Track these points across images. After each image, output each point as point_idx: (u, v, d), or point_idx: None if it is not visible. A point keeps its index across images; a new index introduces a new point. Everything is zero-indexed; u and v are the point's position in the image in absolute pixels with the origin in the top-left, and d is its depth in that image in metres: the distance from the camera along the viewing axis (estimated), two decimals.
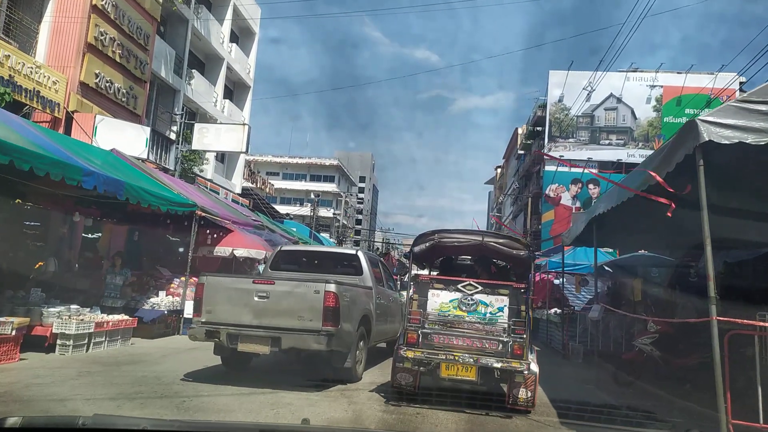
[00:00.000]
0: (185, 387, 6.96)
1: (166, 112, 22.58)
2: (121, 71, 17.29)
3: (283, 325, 7.08)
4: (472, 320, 6.61)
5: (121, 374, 7.72)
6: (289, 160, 77.76)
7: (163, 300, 10.85)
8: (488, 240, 7.37)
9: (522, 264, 7.87)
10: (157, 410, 5.71)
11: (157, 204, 9.51)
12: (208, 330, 7.22)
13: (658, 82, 41.78)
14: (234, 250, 13.14)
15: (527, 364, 6.30)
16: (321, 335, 6.97)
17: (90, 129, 15.01)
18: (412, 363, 6.53)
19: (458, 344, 6.52)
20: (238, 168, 30.33)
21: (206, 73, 26.43)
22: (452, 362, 6.40)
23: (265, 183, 37.46)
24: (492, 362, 6.32)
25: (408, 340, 6.63)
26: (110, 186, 8.10)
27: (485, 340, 6.50)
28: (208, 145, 22.15)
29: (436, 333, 6.60)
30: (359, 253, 9.49)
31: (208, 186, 23.95)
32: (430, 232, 7.45)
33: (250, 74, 30.62)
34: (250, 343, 7.13)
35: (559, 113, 42.50)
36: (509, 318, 6.56)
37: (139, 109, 18.35)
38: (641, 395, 8.02)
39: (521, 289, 6.79)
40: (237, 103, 29.57)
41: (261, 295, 7.21)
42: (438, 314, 6.68)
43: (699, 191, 5.36)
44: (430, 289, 6.81)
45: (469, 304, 6.64)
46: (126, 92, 17.52)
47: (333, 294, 7.08)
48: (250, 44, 30.71)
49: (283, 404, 6.29)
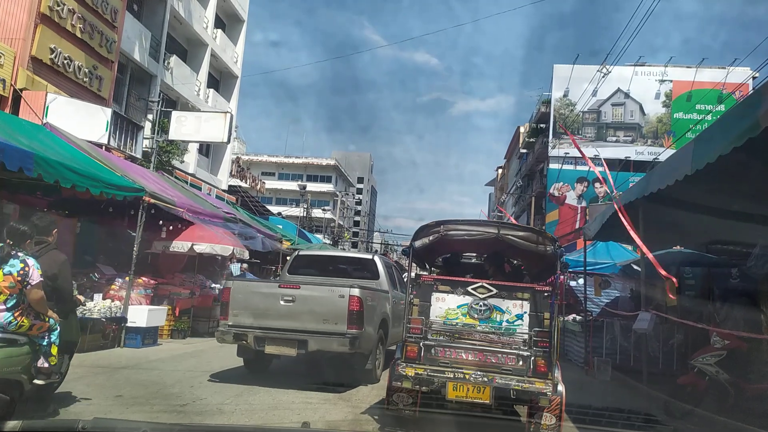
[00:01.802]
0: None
1: (141, 99, 20.73)
2: (82, 48, 15.44)
3: (309, 329, 7.34)
4: (485, 330, 5.61)
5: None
6: (285, 160, 75.82)
7: (98, 305, 8.91)
8: (505, 233, 6.19)
9: (544, 262, 6.63)
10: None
11: (85, 185, 7.66)
12: (235, 333, 7.41)
13: (667, 77, 40.10)
14: (194, 245, 11.26)
15: (553, 384, 5.29)
16: (346, 338, 7.22)
17: (40, 109, 13.15)
18: (413, 382, 5.48)
19: (468, 359, 5.54)
20: (225, 163, 28.47)
21: (189, 60, 24.61)
22: (461, 381, 5.35)
23: (256, 180, 35.65)
24: (510, 382, 5.29)
25: (407, 354, 5.61)
26: (13, 158, 6.26)
27: (501, 354, 5.51)
28: (187, 135, 20.35)
29: (441, 345, 5.62)
30: (376, 257, 9.85)
31: (189, 180, 22.10)
32: (433, 223, 6.30)
33: (238, 63, 28.78)
34: (277, 346, 7.37)
35: (563, 109, 40.79)
36: (530, 327, 5.55)
37: (105, 91, 16.50)
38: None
39: (545, 292, 5.69)
40: (223, 94, 27.74)
41: (287, 299, 7.46)
42: (444, 323, 5.69)
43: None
44: (434, 292, 5.77)
45: (482, 310, 5.62)
46: (89, 72, 15.67)
47: (357, 298, 7.34)
48: (238, 32, 28.88)
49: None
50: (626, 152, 38.82)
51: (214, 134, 20.18)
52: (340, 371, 7.93)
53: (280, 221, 24.95)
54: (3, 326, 4.51)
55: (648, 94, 40.01)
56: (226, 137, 20.24)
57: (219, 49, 26.24)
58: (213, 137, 20.38)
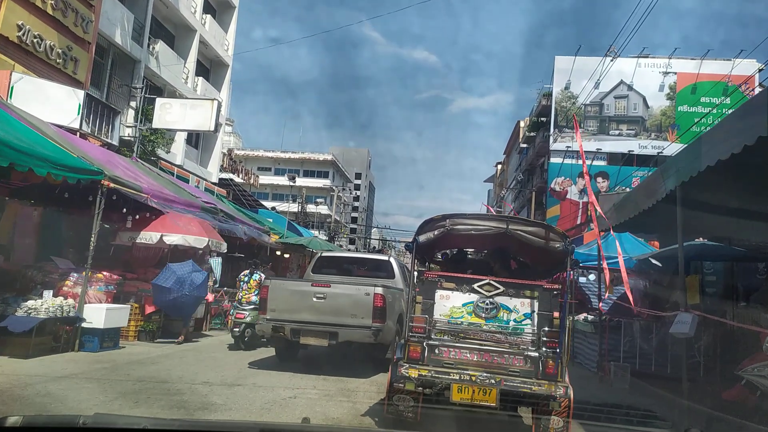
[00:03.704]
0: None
1: (124, 85, 19.68)
2: (55, 26, 14.40)
3: (338, 322, 8.24)
4: (492, 329, 5.46)
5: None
6: (281, 155, 74.66)
7: (46, 302, 7.83)
8: (514, 228, 5.90)
9: (552, 258, 6.34)
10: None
11: (27, 165, 6.66)
12: (274, 326, 8.36)
13: (671, 69, 39.09)
14: (164, 236, 10.22)
15: (564, 387, 5.16)
16: (371, 330, 8.17)
17: (4, 89, 12.12)
18: (416, 384, 5.31)
19: (474, 360, 5.38)
20: (215, 156, 27.43)
21: (176, 46, 23.55)
22: (467, 384, 5.19)
23: (249, 174, 34.59)
24: (519, 384, 5.15)
25: (410, 354, 5.43)
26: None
27: (508, 355, 5.37)
28: (172, 123, 19.29)
29: (445, 345, 5.46)
30: (391, 258, 10.98)
31: (175, 171, 21.07)
32: (439, 217, 6.08)
33: (229, 51, 27.71)
34: (311, 337, 8.31)
35: (565, 101, 39.77)
36: (539, 327, 5.42)
37: (81, 74, 15.45)
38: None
39: (554, 290, 5.57)
40: (214, 83, 26.68)
41: (319, 296, 8.40)
42: (448, 321, 5.54)
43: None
44: (438, 289, 5.62)
45: (488, 308, 5.47)
46: (62, 53, 14.63)
47: (381, 296, 8.27)
48: (229, 18, 27.81)
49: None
50: (629, 146, 37.97)
51: (201, 122, 19.13)
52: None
53: (271, 215, 23.91)
54: (255, 303, 9.63)
55: (652, 87, 39.00)
56: (213, 125, 19.17)
57: (209, 36, 25.18)
58: (199, 125, 19.33)
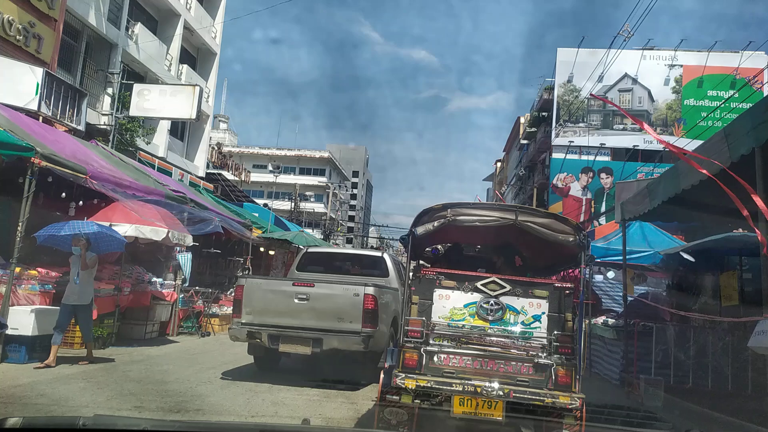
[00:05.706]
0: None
1: (99, 70, 18.37)
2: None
3: (323, 327, 7.31)
4: (497, 333, 4.97)
5: None
6: (277, 152, 73.36)
7: None
8: (524, 219, 5.23)
9: (563, 254, 5.77)
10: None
11: None
12: (249, 331, 7.38)
13: (677, 61, 37.92)
14: (112, 226, 8.83)
15: (579, 398, 4.62)
16: (360, 336, 7.23)
17: None
18: (413, 396, 4.75)
19: (477, 368, 4.89)
20: (202, 150, 26.15)
21: (159, 32, 22.26)
22: (471, 395, 4.64)
23: (240, 169, 33.33)
24: (529, 396, 4.59)
25: (405, 362, 4.88)
26: None
27: (516, 362, 4.87)
28: (151, 110, 18.04)
29: (445, 352, 4.94)
30: (385, 255, 9.91)
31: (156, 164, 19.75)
32: (439, 206, 5.42)
33: (217, 39, 26.44)
34: (291, 344, 7.34)
35: (567, 95, 38.53)
36: (549, 330, 4.93)
37: (46, 54, 14.14)
38: None
39: (566, 289, 5.08)
40: (201, 72, 25.41)
41: (301, 297, 7.44)
42: (448, 325, 5.06)
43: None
44: (437, 288, 5.12)
45: (493, 310, 4.98)
46: (23, 29, 13.32)
47: (372, 296, 7.34)
48: (217, 4, 26.53)
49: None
50: (634, 140, 36.76)
51: (181, 110, 17.89)
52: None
53: (258, 209, 22.65)
54: None
55: (657, 80, 37.82)
56: (195, 114, 17.91)
57: (194, 22, 23.88)
58: (180, 113, 18.06)
